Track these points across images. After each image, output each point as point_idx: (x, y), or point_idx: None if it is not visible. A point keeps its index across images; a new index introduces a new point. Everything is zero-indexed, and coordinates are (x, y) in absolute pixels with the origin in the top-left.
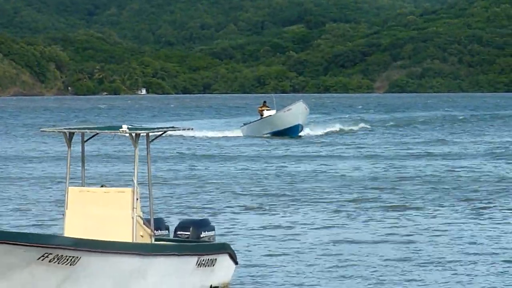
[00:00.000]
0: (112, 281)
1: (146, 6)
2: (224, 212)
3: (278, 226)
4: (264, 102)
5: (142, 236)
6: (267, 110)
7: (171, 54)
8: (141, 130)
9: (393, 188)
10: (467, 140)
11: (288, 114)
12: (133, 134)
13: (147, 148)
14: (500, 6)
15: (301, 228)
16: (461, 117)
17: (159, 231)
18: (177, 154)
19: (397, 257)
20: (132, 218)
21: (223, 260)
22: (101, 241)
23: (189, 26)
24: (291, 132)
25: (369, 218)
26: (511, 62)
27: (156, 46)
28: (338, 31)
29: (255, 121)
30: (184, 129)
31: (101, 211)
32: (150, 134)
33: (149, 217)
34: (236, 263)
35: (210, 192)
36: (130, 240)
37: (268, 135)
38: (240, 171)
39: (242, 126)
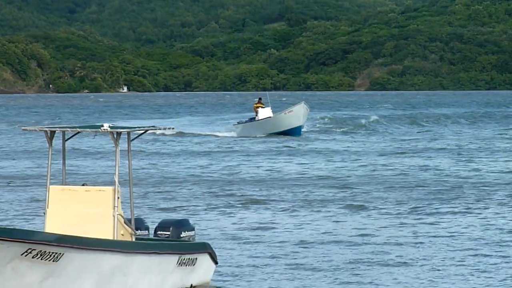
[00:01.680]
0: (94, 277)
1: (126, 4)
2: (204, 212)
3: (258, 226)
4: (260, 98)
5: (123, 235)
6: (261, 108)
7: (152, 52)
8: (122, 129)
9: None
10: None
11: (290, 115)
12: (114, 133)
13: (128, 147)
14: (481, 3)
15: (281, 227)
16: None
17: (139, 231)
18: (161, 152)
19: (374, 257)
20: (113, 216)
21: (204, 260)
22: (84, 237)
23: (170, 24)
24: (293, 133)
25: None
26: (492, 60)
27: (137, 44)
28: (319, 29)
29: (252, 121)
30: (164, 128)
31: (82, 209)
32: (131, 133)
33: (129, 217)
34: (216, 262)
35: (190, 191)
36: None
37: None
38: (220, 169)
39: (236, 124)
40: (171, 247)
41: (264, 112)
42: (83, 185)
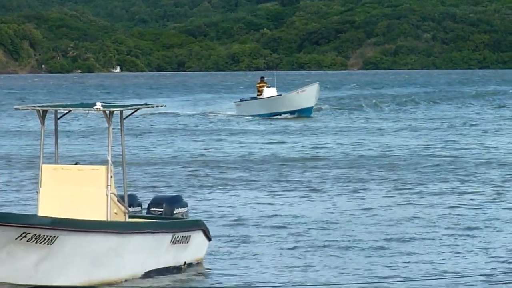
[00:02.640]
0: (89, 259)
1: None
2: (197, 189)
3: (251, 203)
4: (262, 77)
5: (116, 213)
6: (267, 87)
7: (145, 31)
8: (115, 107)
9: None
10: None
11: (302, 95)
12: (107, 112)
13: (120, 126)
14: None
15: (274, 204)
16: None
17: (132, 208)
18: (159, 131)
19: (365, 237)
20: (107, 195)
21: (197, 237)
22: (78, 220)
23: (163, 4)
24: (303, 113)
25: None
26: (485, 39)
27: (130, 24)
28: (312, 8)
29: (257, 98)
30: (157, 106)
31: (75, 188)
32: (124, 111)
33: (123, 193)
34: (209, 239)
35: (185, 168)
36: (104, 218)
37: (272, 116)
38: (211, 148)
39: (237, 102)
40: (165, 226)
41: (270, 92)
42: (75, 164)
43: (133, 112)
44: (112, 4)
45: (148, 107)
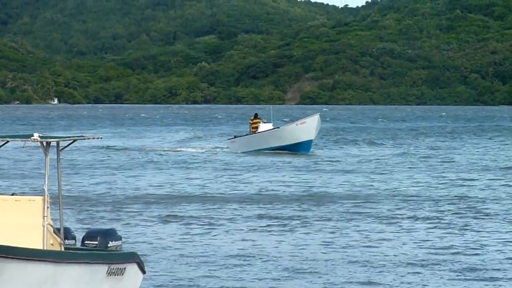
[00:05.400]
0: (25, 287)
1: (58, 16)
2: (131, 221)
3: (185, 235)
4: (256, 114)
5: (52, 244)
6: (263, 123)
7: (83, 64)
8: (52, 138)
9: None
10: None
11: (301, 127)
12: (44, 143)
13: (57, 157)
14: (412, 18)
15: (208, 236)
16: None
17: (66, 241)
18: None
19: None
20: (43, 226)
21: (132, 269)
22: (16, 247)
23: (101, 36)
24: (302, 148)
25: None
26: (423, 75)
27: (68, 56)
28: (250, 42)
29: (255, 133)
30: (93, 138)
31: (12, 219)
32: (61, 142)
33: (58, 226)
34: (144, 272)
35: (117, 201)
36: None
37: (270, 150)
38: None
39: (231, 139)
40: (101, 257)
41: (266, 128)
42: (12, 194)
43: (70, 143)
44: (51, 36)
45: (85, 139)
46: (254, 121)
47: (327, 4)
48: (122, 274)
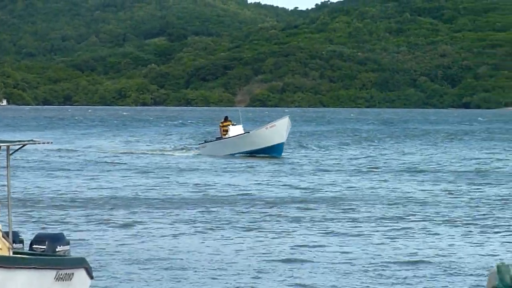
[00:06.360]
0: None
1: (7, 17)
2: (79, 225)
3: (132, 239)
4: (226, 117)
5: (0, 249)
6: (232, 125)
7: (32, 65)
8: (1, 142)
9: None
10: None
11: (272, 130)
12: None
13: (7, 161)
14: (362, 21)
15: (157, 240)
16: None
17: (14, 245)
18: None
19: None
20: None
21: (80, 275)
22: None
23: (50, 38)
24: (274, 151)
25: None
26: (372, 78)
27: (17, 57)
28: (200, 44)
29: (223, 138)
30: (43, 143)
31: None
32: (11, 147)
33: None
34: (91, 277)
35: (64, 205)
36: None
37: (241, 154)
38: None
39: (202, 143)
40: (49, 262)
41: (236, 130)
42: None
43: (20, 147)
44: (0, 37)
45: (35, 143)
46: (224, 123)
47: (277, 7)
48: (70, 279)
